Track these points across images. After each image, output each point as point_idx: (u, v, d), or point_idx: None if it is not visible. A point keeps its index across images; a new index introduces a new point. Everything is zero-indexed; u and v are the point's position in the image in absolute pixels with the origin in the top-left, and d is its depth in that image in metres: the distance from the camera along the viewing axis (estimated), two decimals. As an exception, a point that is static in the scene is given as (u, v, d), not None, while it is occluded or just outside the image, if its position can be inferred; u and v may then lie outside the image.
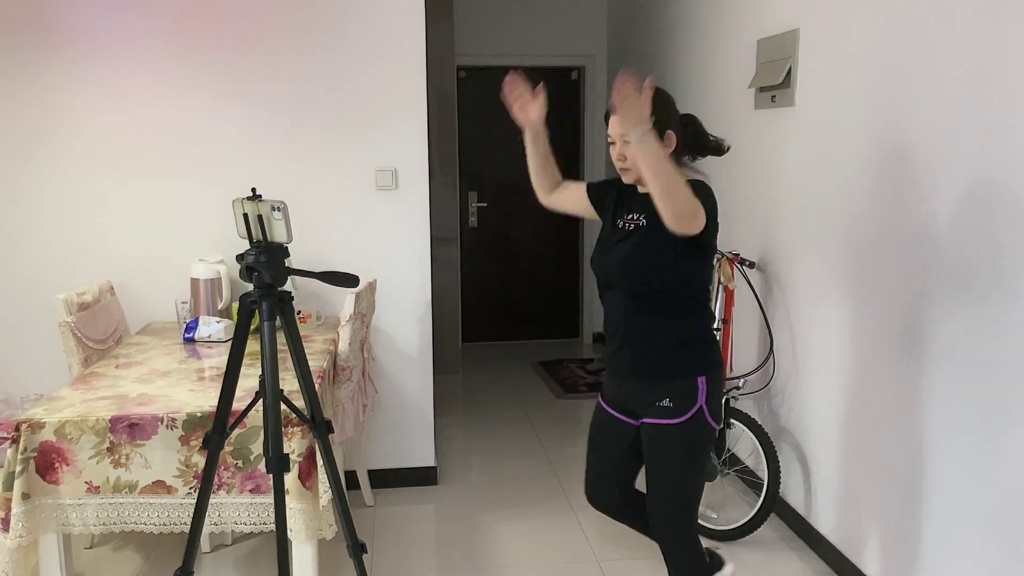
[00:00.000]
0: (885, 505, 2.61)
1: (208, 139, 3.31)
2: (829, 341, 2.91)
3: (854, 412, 2.77)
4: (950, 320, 2.28)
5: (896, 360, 2.52)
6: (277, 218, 1.91)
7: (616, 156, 2.12)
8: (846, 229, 2.78)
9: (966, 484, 2.25)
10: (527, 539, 3.16)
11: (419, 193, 3.44)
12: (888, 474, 2.59)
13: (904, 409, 2.49)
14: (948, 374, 2.29)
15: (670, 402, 2.13)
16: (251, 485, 2.26)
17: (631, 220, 2.17)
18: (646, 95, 1.85)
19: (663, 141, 2.07)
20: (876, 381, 2.63)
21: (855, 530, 2.79)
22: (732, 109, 3.66)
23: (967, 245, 2.20)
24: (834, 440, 2.90)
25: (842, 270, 2.81)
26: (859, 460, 2.75)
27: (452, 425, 4.47)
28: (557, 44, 5.78)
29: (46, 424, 2.18)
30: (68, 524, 2.23)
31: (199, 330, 2.99)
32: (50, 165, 3.27)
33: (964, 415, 2.24)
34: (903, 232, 2.47)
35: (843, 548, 2.86)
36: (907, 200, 2.45)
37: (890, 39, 2.51)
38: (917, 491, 2.45)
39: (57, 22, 3.18)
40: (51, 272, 3.32)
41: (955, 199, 2.24)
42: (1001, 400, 2.10)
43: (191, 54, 3.25)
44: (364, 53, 3.32)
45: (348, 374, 2.92)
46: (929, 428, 2.39)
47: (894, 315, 2.52)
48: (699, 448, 2.16)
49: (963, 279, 2.22)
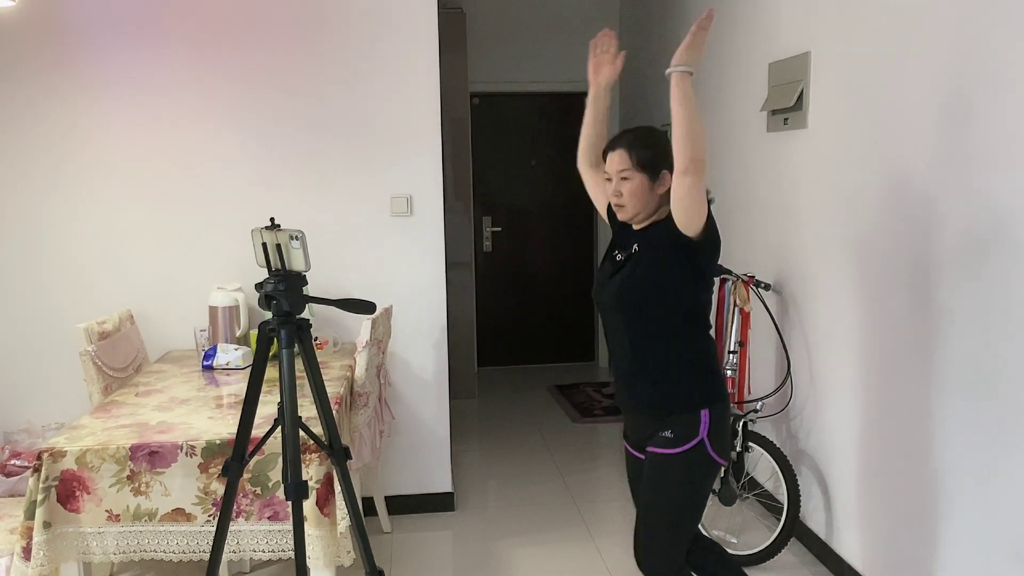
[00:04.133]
0: (906, 528, 2.58)
1: (226, 168, 3.36)
2: (846, 362, 2.89)
3: (873, 434, 2.74)
4: (968, 340, 2.26)
5: (914, 380, 2.50)
6: (295, 247, 1.94)
7: (612, 192, 2.15)
8: (861, 250, 2.77)
9: (987, 507, 2.22)
10: (545, 566, 3.14)
11: (434, 219, 3.46)
12: (909, 496, 2.56)
13: (923, 430, 2.47)
14: (967, 395, 2.27)
15: (671, 433, 2.11)
16: (269, 512, 2.26)
17: (625, 251, 2.19)
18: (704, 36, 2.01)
19: (658, 180, 2.11)
20: (895, 402, 2.61)
21: (876, 553, 2.76)
22: (744, 132, 3.67)
23: (982, 265, 2.19)
24: (854, 462, 2.87)
25: (858, 291, 2.80)
26: (879, 482, 2.72)
27: (469, 450, 4.46)
28: (568, 70, 5.83)
29: (67, 453, 2.20)
30: (89, 552, 2.24)
31: (217, 357, 3.02)
32: (70, 195, 3.32)
33: (984, 437, 2.22)
34: (917, 252, 2.46)
35: (865, 572, 2.82)
36: (921, 221, 2.44)
37: (901, 61, 2.52)
38: (938, 514, 2.42)
39: (80, 53, 3.24)
40: (72, 301, 3.36)
41: (967, 221, 2.24)
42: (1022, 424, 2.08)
43: (209, 87, 3.31)
44: (379, 81, 3.36)
45: (365, 400, 2.93)
46: (949, 450, 2.36)
47: (911, 335, 2.51)
48: (697, 482, 2.12)
49: (979, 299, 2.21)
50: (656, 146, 2.12)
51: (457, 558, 3.22)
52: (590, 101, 2.33)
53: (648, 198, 2.12)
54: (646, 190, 2.11)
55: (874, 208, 2.69)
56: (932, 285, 2.40)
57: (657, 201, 2.13)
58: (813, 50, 3.04)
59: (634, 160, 2.10)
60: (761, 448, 3.13)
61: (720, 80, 3.93)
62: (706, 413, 2.10)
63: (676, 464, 2.11)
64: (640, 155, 2.10)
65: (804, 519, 3.25)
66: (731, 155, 3.82)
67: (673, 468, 2.11)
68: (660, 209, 2.15)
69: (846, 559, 2.94)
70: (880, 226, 2.66)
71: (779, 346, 3.38)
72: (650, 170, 2.10)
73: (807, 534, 3.21)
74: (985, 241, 2.19)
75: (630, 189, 2.11)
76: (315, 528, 2.21)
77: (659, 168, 2.11)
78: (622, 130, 2.21)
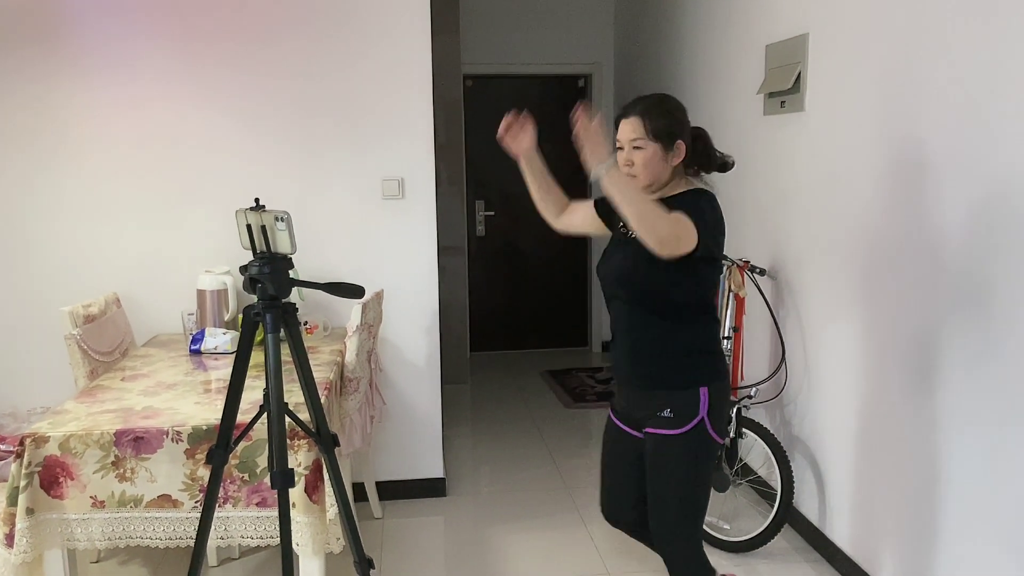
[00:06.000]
0: (900, 516, 2.57)
1: (214, 149, 3.30)
2: (842, 348, 2.86)
3: (868, 420, 2.73)
4: (964, 327, 2.24)
5: (910, 368, 2.48)
6: (280, 229, 1.89)
7: (623, 161, 2.09)
8: (857, 235, 2.74)
9: (982, 496, 2.20)
10: (537, 551, 3.12)
11: (426, 202, 3.42)
12: (903, 484, 2.54)
13: (918, 418, 2.45)
14: (963, 382, 2.25)
15: (670, 412, 2.09)
16: (257, 499, 2.23)
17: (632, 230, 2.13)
18: (597, 127, 1.90)
19: (672, 150, 2.07)
20: (890, 389, 2.59)
21: (870, 541, 2.74)
22: (741, 115, 3.63)
23: (980, 251, 2.16)
24: (848, 449, 2.85)
25: (854, 276, 2.77)
26: (873, 470, 2.70)
27: (460, 435, 4.44)
28: (563, 52, 5.76)
29: (50, 438, 2.16)
30: (73, 539, 2.20)
31: (205, 342, 2.98)
32: (55, 177, 3.26)
33: (979, 425, 2.20)
34: (915, 239, 2.43)
35: (858, 559, 2.81)
36: (919, 206, 2.41)
37: (901, 43, 2.47)
38: (932, 502, 2.41)
39: (64, 33, 3.18)
40: (57, 284, 3.31)
41: (968, 207, 2.21)
42: (1018, 411, 2.06)
43: (196, 68, 3.24)
44: (371, 62, 3.30)
45: (355, 385, 2.89)
46: (943, 438, 2.34)
47: (907, 322, 2.48)
48: (701, 461, 2.11)
49: (977, 285, 2.18)
50: (671, 114, 2.05)
51: (448, 544, 3.20)
52: (526, 170, 2.28)
53: (662, 168, 2.07)
54: (659, 159, 2.05)
55: (871, 193, 2.65)
56: (929, 271, 2.37)
57: (671, 172, 2.09)
58: (811, 32, 3.00)
59: (648, 129, 2.04)
60: (755, 434, 3.11)
61: (716, 62, 3.89)
62: (705, 391, 2.08)
63: (679, 446, 2.09)
64: (655, 124, 2.04)
65: (797, 506, 3.23)
66: (727, 138, 3.77)
67: (676, 451, 2.09)
68: (673, 181, 2.11)
69: (839, 545, 2.93)
70: (877, 211, 2.62)
71: (774, 332, 3.36)
72: (665, 139, 2.05)
73: (800, 521, 3.20)
74: (985, 226, 2.15)
75: (643, 159, 2.05)
76: (303, 515, 2.19)
77: (675, 137, 2.05)
78: (635, 97, 2.13)
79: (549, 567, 2.99)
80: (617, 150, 2.11)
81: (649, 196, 2.01)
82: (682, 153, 2.08)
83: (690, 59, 4.23)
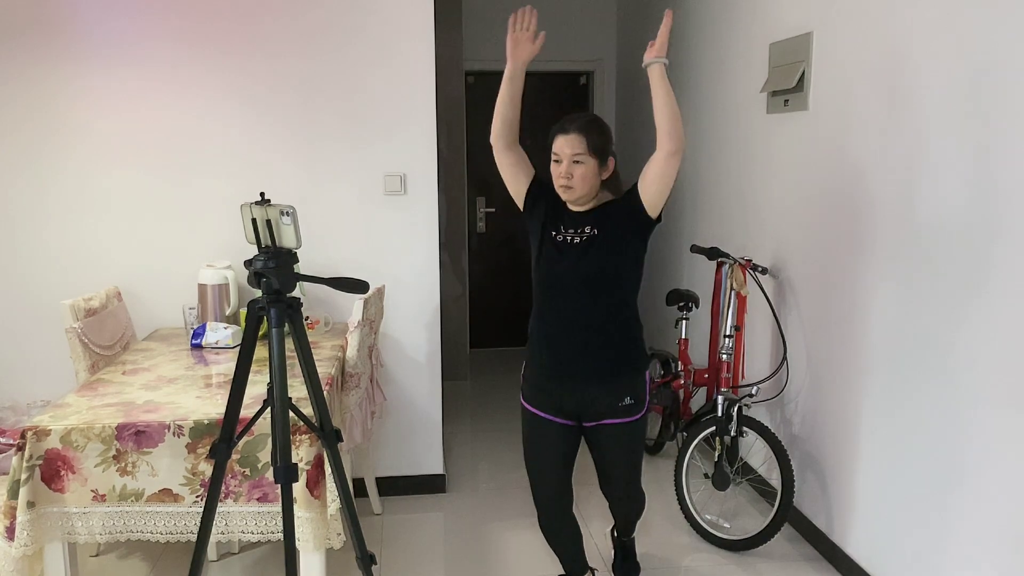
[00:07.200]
0: (903, 516, 2.57)
1: (217, 143, 3.29)
2: (843, 347, 2.86)
3: (869, 419, 2.72)
4: (971, 326, 2.24)
5: (911, 367, 2.48)
6: (286, 223, 1.89)
7: (563, 174, 2.24)
8: (860, 234, 2.74)
9: (981, 492, 2.20)
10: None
11: (428, 198, 3.41)
12: (904, 482, 2.54)
13: (922, 418, 2.45)
14: (969, 383, 2.25)
15: (631, 399, 2.33)
16: (258, 494, 2.23)
17: (578, 233, 2.28)
18: (669, 24, 2.17)
19: (605, 165, 2.26)
20: (891, 388, 2.59)
21: (871, 541, 2.74)
22: (744, 113, 3.62)
23: (983, 250, 2.16)
24: (849, 448, 2.85)
25: (856, 275, 2.77)
26: (875, 469, 2.70)
27: (460, 432, 4.43)
28: (566, 49, 5.75)
29: (52, 432, 2.15)
30: (74, 533, 2.20)
31: (206, 336, 2.97)
32: (57, 170, 3.25)
33: (984, 425, 2.20)
34: (917, 237, 2.43)
35: (859, 559, 2.82)
36: (921, 205, 2.41)
37: (904, 42, 2.47)
38: (935, 502, 2.41)
39: (62, 25, 3.16)
40: (58, 278, 3.30)
41: (972, 204, 2.20)
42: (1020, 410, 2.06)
43: (198, 58, 3.23)
44: (373, 58, 3.30)
45: (356, 380, 2.89)
46: (945, 436, 2.34)
47: (911, 320, 2.48)
48: (645, 429, 2.47)
49: (981, 283, 2.18)
50: (605, 134, 2.26)
51: (448, 540, 3.20)
52: (507, 79, 2.29)
53: (595, 182, 2.26)
54: (594, 174, 2.24)
55: (873, 192, 2.65)
56: (932, 270, 2.37)
57: (599, 185, 2.28)
58: (815, 30, 2.99)
59: (589, 145, 2.21)
60: (755, 433, 3.10)
61: (720, 61, 3.88)
62: (647, 373, 2.39)
63: (639, 428, 2.40)
64: (594, 141, 2.22)
65: (798, 505, 3.23)
66: (730, 137, 3.77)
67: (637, 432, 2.40)
68: (600, 193, 2.30)
69: (839, 544, 2.93)
70: (880, 209, 2.62)
71: (775, 331, 3.35)
72: (600, 155, 2.24)
73: (801, 520, 3.20)
74: (989, 226, 2.15)
75: (582, 173, 2.22)
76: (305, 510, 2.18)
77: (607, 154, 2.26)
78: (568, 115, 2.28)
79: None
80: (553, 163, 2.26)
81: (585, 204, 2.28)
82: (611, 169, 2.28)
83: (693, 57, 4.23)
